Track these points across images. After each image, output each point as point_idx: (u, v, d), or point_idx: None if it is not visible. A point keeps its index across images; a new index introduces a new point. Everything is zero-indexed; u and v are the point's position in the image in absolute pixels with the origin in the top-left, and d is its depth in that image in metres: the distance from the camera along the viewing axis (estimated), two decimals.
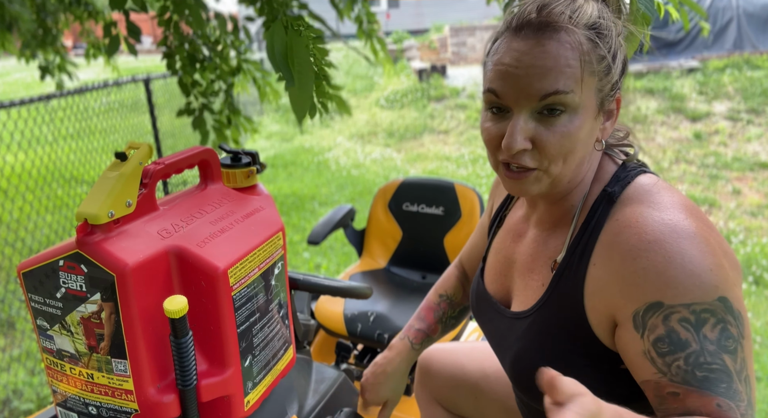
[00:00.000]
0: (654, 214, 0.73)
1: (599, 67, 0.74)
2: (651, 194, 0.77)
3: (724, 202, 4.65)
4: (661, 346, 0.69)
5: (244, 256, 0.81)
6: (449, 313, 1.22)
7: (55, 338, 0.77)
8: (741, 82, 7.20)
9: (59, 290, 0.73)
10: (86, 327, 0.73)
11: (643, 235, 0.71)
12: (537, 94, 0.73)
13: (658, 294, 0.69)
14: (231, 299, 0.78)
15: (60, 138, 3.87)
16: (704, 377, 0.67)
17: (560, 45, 0.72)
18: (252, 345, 0.84)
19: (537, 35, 0.73)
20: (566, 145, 0.75)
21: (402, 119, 7.96)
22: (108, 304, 0.71)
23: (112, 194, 0.74)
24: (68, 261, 0.72)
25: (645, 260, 0.70)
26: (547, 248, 0.87)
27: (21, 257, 3.49)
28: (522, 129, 0.74)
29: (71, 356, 0.76)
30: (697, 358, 0.68)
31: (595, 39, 0.74)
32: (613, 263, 0.74)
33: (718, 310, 0.68)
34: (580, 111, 0.74)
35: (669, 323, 0.69)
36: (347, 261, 3.88)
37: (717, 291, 0.69)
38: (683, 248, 0.69)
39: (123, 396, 0.75)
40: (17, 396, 2.62)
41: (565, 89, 0.72)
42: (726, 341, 0.68)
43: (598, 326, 0.77)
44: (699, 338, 0.68)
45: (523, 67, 0.73)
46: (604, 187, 0.81)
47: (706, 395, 0.67)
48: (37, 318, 0.77)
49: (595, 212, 0.80)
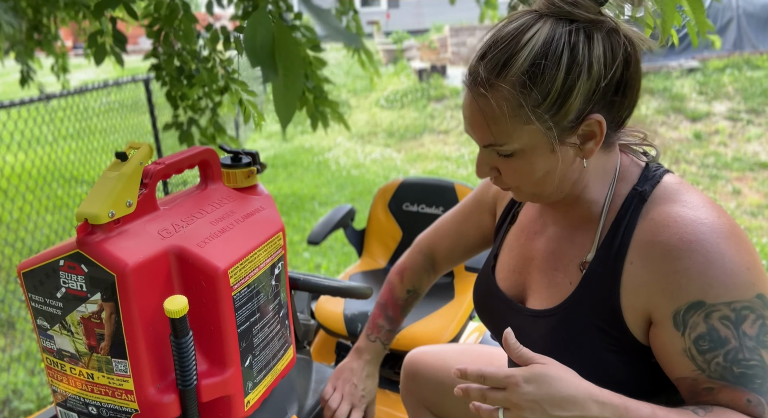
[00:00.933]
0: (690, 213, 0.75)
1: (539, 112, 0.74)
2: (681, 194, 0.79)
3: (724, 203, 4.65)
4: (702, 344, 0.72)
5: (245, 256, 0.81)
6: (413, 304, 1.23)
7: (55, 337, 0.76)
8: (741, 82, 7.20)
9: (59, 289, 0.73)
10: (86, 327, 0.73)
11: (684, 235, 0.73)
12: (480, 143, 0.81)
13: (700, 294, 0.72)
14: (231, 299, 0.78)
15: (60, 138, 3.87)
16: (741, 373, 0.71)
17: (488, 102, 0.75)
18: (252, 345, 0.84)
19: (472, 90, 0.78)
20: (526, 179, 0.81)
21: (402, 119, 7.96)
22: (108, 304, 0.71)
23: (113, 194, 0.74)
24: (69, 261, 0.72)
25: (687, 260, 0.72)
26: (573, 246, 0.88)
27: (21, 257, 3.49)
28: (484, 161, 0.83)
29: (71, 355, 0.76)
30: (736, 354, 0.71)
31: (530, 82, 0.73)
32: (654, 262, 0.76)
33: (757, 306, 0.71)
34: (528, 152, 0.78)
35: (710, 322, 0.71)
36: (347, 261, 3.88)
37: (755, 288, 0.71)
38: (722, 248, 0.72)
39: (123, 396, 0.75)
40: (17, 396, 2.62)
41: (499, 142, 0.78)
42: (765, 336, 0.71)
43: (633, 323, 0.79)
44: (738, 334, 0.71)
45: (466, 118, 0.81)
46: (634, 186, 0.82)
47: (738, 390, 0.71)
48: (38, 318, 0.77)
49: (627, 210, 0.81)
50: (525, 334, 0.91)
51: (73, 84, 3.78)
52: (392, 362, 1.88)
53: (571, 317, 0.84)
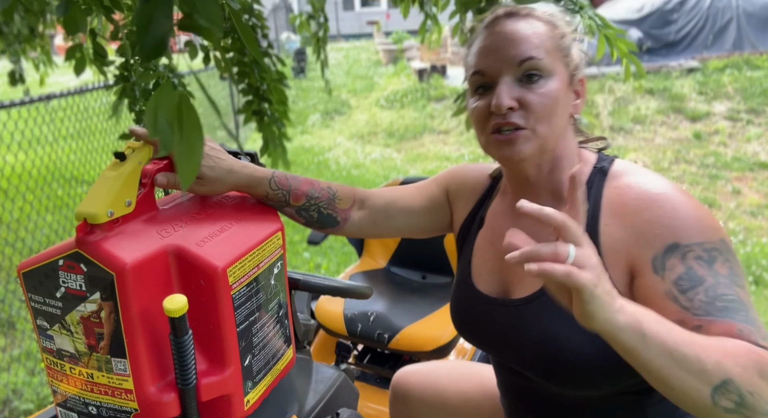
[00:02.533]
0: (647, 177, 0.84)
1: (561, 43, 0.88)
2: (634, 167, 0.87)
3: (724, 202, 4.65)
4: (682, 283, 0.75)
5: (243, 255, 0.81)
6: (320, 204, 1.03)
7: (55, 337, 0.76)
8: (741, 82, 7.20)
9: (59, 289, 0.73)
10: (86, 326, 0.73)
11: (647, 191, 0.81)
12: (515, 61, 0.85)
13: (674, 236, 0.77)
14: (230, 298, 0.78)
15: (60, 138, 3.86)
16: (724, 306, 0.72)
17: (527, 24, 0.87)
18: (251, 344, 0.84)
19: (506, 20, 0.88)
20: (548, 104, 0.85)
21: (402, 119, 7.95)
22: (107, 303, 0.71)
23: (112, 194, 0.74)
24: (68, 260, 0.72)
25: (656, 209, 0.79)
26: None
27: (21, 257, 3.49)
28: (507, 90, 0.85)
29: (71, 355, 0.76)
30: (715, 290, 0.73)
31: (553, 22, 0.89)
32: (626, 217, 0.81)
33: (723, 249, 0.76)
34: (554, 76, 0.86)
35: (687, 262, 0.75)
36: (347, 261, 3.88)
37: (719, 233, 0.77)
38: (683, 199, 0.79)
39: (123, 396, 0.75)
40: (17, 396, 2.62)
41: (539, 56, 0.85)
42: (735, 276, 0.75)
43: (618, 282, 0.81)
44: (713, 272, 0.74)
45: (500, 42, 0.86)
46: (594, 165, 0.90)
47: (727, 323, 0.71)
48: (37, 318, 0.77)
49: (591, 185, 0.88)
50: (516, 324, 0.90)
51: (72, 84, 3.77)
52: (392, 363, 1.88)
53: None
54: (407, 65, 10.75)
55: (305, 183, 1.02)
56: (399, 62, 11.22)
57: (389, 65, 11.40)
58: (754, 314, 0.73)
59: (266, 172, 0.97)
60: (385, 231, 1.10)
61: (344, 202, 1.06)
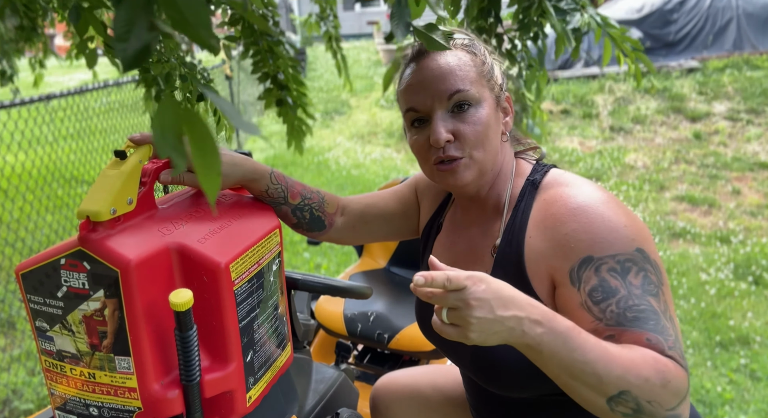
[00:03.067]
0: (573, 190, 0.87)
1: (483, 69, 0.93)
2: (566, 178, 0.91)
3: (723, 203, 4.65)
4: (596, 295, 0.79)
5: (244, 251, 0.81)
6: (312, 205, 1.07)
7: (55, 338, 0.76)
8: (741, 82, 7.20)
9: (60, 288, 0.73)
10: (88, 325, 0.73)
11: (567, 205, 0.85)
12: (444, 95, 0.89)
13: (588, 250, 0.81)
14: (233, 293, 0.78)
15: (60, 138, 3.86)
16: (634, 316, 0.76)
17: (450, 57, 0.92)
18: (253, 340, 0.84)
19: (429, 55, 0.93)
20: (480, 131, 0.89)
21: (402, 119, 7.95)
22: (111, 300, 0.71)
23: (114, 192, 0.74)
24: (70, 259, 0.72)
25: (573, 223, 0.83)
26: (486, 238, 0.96)
27: (21, 257, 3.49)
28: (442, 124, 0.89)
29: (72, 356, 0.76)
30: (626, 301, 0.77)
31: (472, 51, 0.94)
32: (547, 231, 0.86)
33: (638, 259, 0.79)
34: (482, 102, 0.91)
35: (600, 274, 0.79)
36: (347, 261, 3.88)
37: (634, 243, 0.80)
38: (601, 211, 0.82)
39: (126, 394, 0.75)
40: (17, 396, 2.62)
41: (465, 87, 0.89)
42: (648, 285, 0.78)
43: (542, 292, 0.86)
44: (626, 283, 0.78)
45: (428, 78, 0.91)
46: (527, 178, 0.95)
47: (636, 332, 0.76)
48: (36, 319, 0.76)
49: (523, 197, 0.93)
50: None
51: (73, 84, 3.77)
52: (391, 363, 1.88)
53: None
54: None
55: (298, 184, 1.06)
56: None
57: (389, 65, 11.40)
58: (666, 321, 0.77)
59: (266, 167, 1.00)
60: (364, 236, 1.16)
61: (331, 207, 1.11)
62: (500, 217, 0.95)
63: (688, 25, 8.24)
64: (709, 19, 8.20)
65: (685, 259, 3.78)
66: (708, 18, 8.21)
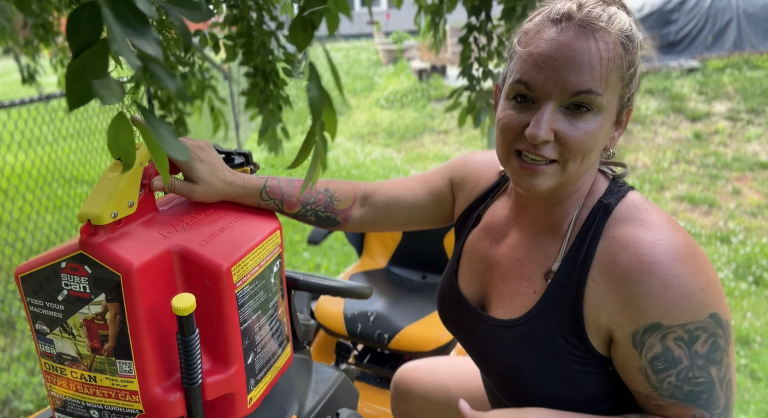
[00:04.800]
0: (649, 235, 0.76)
1: (627, 73, 0.77)
2: (642, 212, 0.80)
3: (724, 203, 4.65)
4: (657, 364, 0.76)
5: (246, 254, 0.81)
6: (317, 209, 1.03)
7: (55, 341, 0.76)
8: (741, 82, 7.20)
9: (61, 292, 0.73)
10: (89, 329, 0.73)
11: (642, 257, 0.75)
12: (571, 90, 0.74)
13: (657, 316, 0.74)
14: (234, 296, 0.78)
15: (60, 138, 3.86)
16: (690, 391, 0.75)
17: (598, 44, 0.73)
18: (254, 342, 0.84)
19: (577, 30, 0.74)
20: (587, 144, 0.76)
21: (402, 119, 7.95)
22: (113, 304, 0.71)
23: (115, 195, 0.74)
24: (71, 263, 0.72)
25: (646, 283, 0.74)
26: (538, 255, 0.87)
27: (21, 257, 3.49)
28: (549, 120, 0.75)
29: (72, 359, 0.76)
30: (687, 374, 0.75)
31: (627, 45, 0.75)
32: (614, 283, 0.77)
33: (709, 326, 0.74)
34: (603, 113, 0.76)
35: (665, 342, 0.75)
36: (347, 261, 3.88)
37: (708, 308, 0.74)
38: (677, 271, 0.73)
39: (127, 397, 0.75)
40: (17, 396, 2.62)
41: (597, 91, 0.74)
42: (714, 353, 0.75)
43: (596, 338, 0.81)
44: (690, 354, 0.74)
45: (561, 59, 0.73)
46: (600, 199, 0.84)
47: (686, 406, 0.76)
48: (36, 322, 0.76)
49: (592, 223, 0.82)
50: (492, 344, 0.91)
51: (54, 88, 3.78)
52: (392, 363, 1.88)
53: (537, 328, 0.84)
54: (407, 65, 10.75)
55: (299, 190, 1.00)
56: (399, 62, 11.22)
57: (389, 65, 11.40)
58: (721, 390, 0.76)
59: (258, 182, 0.96)
60: (387, 227, 1.09)
61: (343, 203, 1.05)
62: (561, 237, 0.85)
63: (688, 25, 8.24)
64: (709, 19, 8.20)
65: None
66: (708, 18, 8.21)
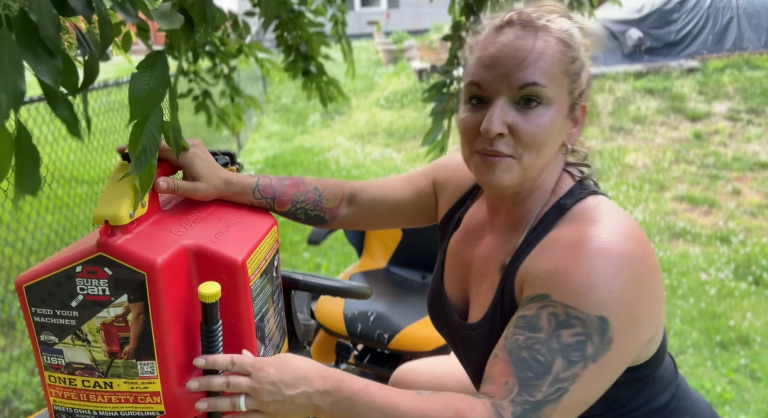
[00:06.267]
0: (592, 230, 0.77)
1: (571, 68, 0.80)
2: (598, 214, 0.80)
3: (724, 203, 4.65)
4: (521, 322, 0.75)
5: (255, 248, 0.83)
6: (306, 207, 1.06)
7: (65, 351, 0.74)
8: (741, 82, 7.20)
9: (75, 298, 0.72)
10: (107, 333, 0.72)
11: (574, 245, 0.76)
12: (516, 83, 0.78)
13: (551, 289, 0.74)
14: (249, 289, 0.79)
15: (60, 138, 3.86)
16: (524, 358, 0.72)
17: (538, 40, 0.79)
18: (264, 334, 0.86)
19: (518, 31, 0.80)
20: (540, 136, 0.79)
21: (402, 119, 7.95)
22: (136, 304, 0.71)
23: (130, 195, 0.74)
24: (88, 266, 0.71)
25: (559, 262, 0.75)
26: (499, 252, 0.89)
27: (21, 257, 3.49)
28: (500, 114, 0.78)
29: (86, 367, 0.74)
30: (534, 344, 0.72)
31: (568, 41, 0.80)
32: (538, 261, 0.79)
33: (591, 325, 0.71)
34: (553, 106, 0.80)
35: (541, 311, 0.74)
36: (347, 261, 3.88)
37: (603, 311, 0.71)
38: (598, 263, 0.73)
39: (147, 400, 0.74)
40: (17, 396, 2.62)
41: (542, 82, 0.78)
42: (573, 351, 0.71)
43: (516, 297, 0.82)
44: (552, 333, 0.72)
45: (505, 57, 0.79)
46: (559, 199, 0.85)
47: (509, 368, 0.73)
48: (42, 333, 0.74)
49: (543, 221, 0.84)
50: (465, 346, 0.94)
51: None
52: (391, 362, 1.88)
53: (494, 324, 0.85)
54: (407, 65, 10.75)
55: (291, 186, 1.04)
56: (399, 62, 11.22)
57: (389, 65, 11.40)
58: (546, 386, 0.70)
59: (251, 181, 0.99)
60: (374, 225, 1.13)
61: (331, 202, 1.08)
62: (521, 233, 0.87)
63: (689, 25, 8.24)
64: (709, 19, 8.20)
65: (685, 259, 3.77)
66: (708, 18, 8.20)
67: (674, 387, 0.90)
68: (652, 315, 0.77)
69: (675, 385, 0.91)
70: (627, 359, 0.75)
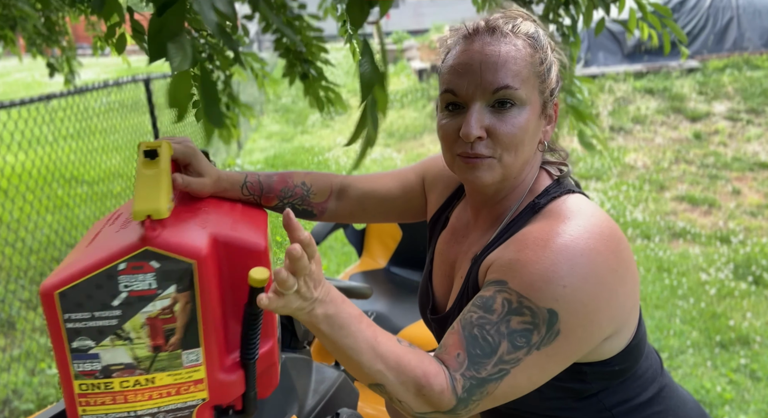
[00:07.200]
0: (560, 226, 0.79)
1: (540, 69, 0.85)
2: (569, 212, 0.82)
3: (724, 203, 4.65)
4: (477, 301, 0.79)
5: (267, 235, 0.85)
6: (294, 202, 1.08)
7: (101, 354, 0.73)
8: (741, 82, 7.20)
9: (118, 296, 0.72)
10: (153, 327, 0.73)
11: (539, 239, 0.79)
12: (490, 88, 0.82)
13: (509, 277, 0.78)
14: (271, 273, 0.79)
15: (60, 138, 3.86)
16: (474, 335, 0.77)
17: (507, 46, 0.83)
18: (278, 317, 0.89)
19: (487, 38, 0.84)
20: (517, 136, 0.83)
21: (402, 119, 7.96)
22: (183, 294, 0.73)
23: (165, 189, 0.76)
24: (133, 262, 0.71)
25: (523, 254, 0.78)
26: (472, 249, 0.93)
27: (21, 257, 3.49)
28: (477, 118, 0.82)
29: (126, 366, 0.74)
30: (485, 324, 0.77)
31: (535, 44, 0.85)
32: (505, 252, 0.82)
33: (539, 316, 0.74)
34: (527, 106, 0.84)
35: (495, 295, 0.78)
36: (347, 261, 3.88)
37: (554, 304, 0.74)
38: (557, 258, 0.75)
39: (191, 389, 0.76)
40: (17, 396, 2.62)
41: (514, 85, 0.82)
42: (519, 338, 0.75)
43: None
44: (503, 317, 0.76)
45: (477, 64, 0.83)
46: (534, 198, 0.88)
47: (461, 342, 0.77)
48: (75, 340, 0.72)
49: (520, 216, 0.87)
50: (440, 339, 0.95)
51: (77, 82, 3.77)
52: None
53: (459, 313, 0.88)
54: (407, 65, 10.75)
55: (279, 182, 1.05)
56: (399, 62, 11.22)
57: (389, 65, 11.41)
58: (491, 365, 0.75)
59: (239, 177, 1.00)
60: (362, 219, 1.15)
61: (320, 196, 1.10)
62: (493, 231, 0.91)
63: (689, 25, 8.24)
64: (709, 19, 8.20)
65: (685, 259, 3.78)
66: (708, 18, 8.21)
67: (658, 385, 0.91)
68: (611, 312, 0.78)
69: (659, 383, 0.91)
70: (576, 353, 0.77)
